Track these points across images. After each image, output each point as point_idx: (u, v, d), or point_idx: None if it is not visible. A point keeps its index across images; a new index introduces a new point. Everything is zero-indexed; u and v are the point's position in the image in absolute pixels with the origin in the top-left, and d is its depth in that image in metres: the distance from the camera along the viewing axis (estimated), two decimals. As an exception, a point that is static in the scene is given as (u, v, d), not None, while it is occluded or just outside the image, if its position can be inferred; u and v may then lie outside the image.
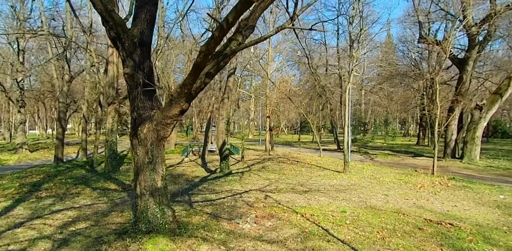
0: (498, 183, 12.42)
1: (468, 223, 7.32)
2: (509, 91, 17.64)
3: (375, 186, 11.51)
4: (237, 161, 18.63)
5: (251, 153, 24.01)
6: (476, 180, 12.70)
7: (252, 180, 12.46)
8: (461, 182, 12.13)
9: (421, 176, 13.64)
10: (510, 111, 49.87)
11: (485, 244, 6.08)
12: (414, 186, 11.53)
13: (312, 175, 14.03)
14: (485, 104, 17.94)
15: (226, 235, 6.26)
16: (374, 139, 44.11)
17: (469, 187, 11.25)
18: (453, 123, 19.26)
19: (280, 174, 14.07)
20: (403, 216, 7.79)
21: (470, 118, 18.49)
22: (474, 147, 18.07)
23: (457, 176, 14.00)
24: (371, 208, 8.53)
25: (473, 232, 6.72)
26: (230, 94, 13.45)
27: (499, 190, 10.81)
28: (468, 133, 18.31)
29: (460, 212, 8.29)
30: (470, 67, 18.36)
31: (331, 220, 7.37)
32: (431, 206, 8.94)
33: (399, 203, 9.11)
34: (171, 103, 5.81)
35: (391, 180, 12.55)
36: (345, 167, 14.54)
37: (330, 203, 8.98)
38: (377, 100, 51.66)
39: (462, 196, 10.13)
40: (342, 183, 12.08)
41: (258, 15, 6.44)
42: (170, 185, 11.46)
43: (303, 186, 11.35)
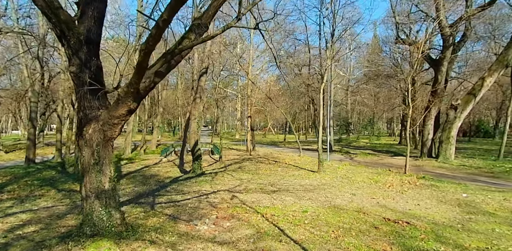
0: (466, 181, 12.62)
1: (425, 222, 7.38)
2: (482, 91, 17.98)
3: (345, 186, 11.56)
4: (215, 161, 18.50)
5: (232, 153, 23.92)
6: (445, 179, 12.89)
7: (224, 180, 12.37)
8: (430, 181, 12.29)
9: (394, 175, 13.78)
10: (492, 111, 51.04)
11: (436, 242, 6.13)
12: (383, 185, 11.62)
13: (286, 175, 14.02)
14: (459, 104, 18.25)
15: (178, 237, 6.16)
16: (359, 139, 44.53)
17: (436, 186, 11.40)
18: (430, 122, 19.54)
19: (254, 174, 14.02)
20: (363, 215, 7.82)
21: (445, 118, 18.78)
22: (449, 146, 18.36)
23: (429, 175, 14.19)
24: (334, 207, 8.54)
25: (427, 231, 6.78)
26: (202, 93, 13.32)
27: (464, 189, 10.98)
28: (444, 133, 18.59)
29: (421, 211, 8.37)
30: (445, 67, 18.65)
31: (290, 220, 7.35)
32: (395, 205, 9.00)
33: (364, 202, 9.16)
34: (118, 103, 5.68)
35: (363, 180, 12.63)
36: (319, 167, 14.58)
37: (295, 202, 8.96)
38: (363, 100, 52.20)
39: (427, 194, 10.24)
40: (313, 182, 12.10)
41: (211, 13, 6.35)
42: (138, 186, 11.29)
43: (273, 186, 11.32)
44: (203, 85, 13.37)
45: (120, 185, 11.60)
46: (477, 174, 14.57)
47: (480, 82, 17.95)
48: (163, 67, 5.92)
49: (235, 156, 21.47)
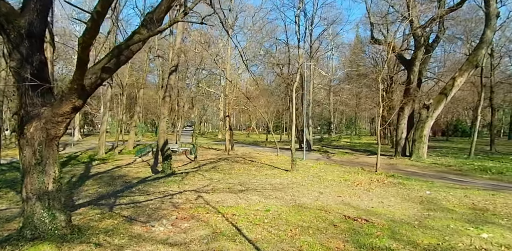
0: (434, 179, 12.89)
1: (384, 219, 7.43)
2: (453, 91, 18.44)
3: (314, 184, 11.58)
4: (190, 161, 18.25)
5: (210, 152, 23.69)
6: (414, 177, 13.11)
7: (194, 180, 12.18)
8: (398, 179, 12.46)
9: (364, 174, 13.93)
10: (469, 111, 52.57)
11: (389, 239, 6.16)
12: (352, 183, 11.70)
13: (259, 174, 13.94)
14: (432, 104, 18.65)
15: (128, 240, 5.95)
16: (341, 138, 45.04)
17: (404, 184, 11.56)
18: (403, 122, 19.89)
19: (226, 174, 13.87)
20: (325, 213, 7.80)
21: (418, 117, 19.16)
22: (422, 145, 18.74)
23: (399, 173, 14.43)
24: (298, 206, 8.50)
25: (384, 228, 6.81)
26: (171, 92, 13.07)
27: (430, 186, 11.18)
28: (416, 132, 18.96)
29: (383, 208, 8.43)
30: (417, 67, 19.03)
31: (250, 220, 7.25)
32: (359, 202, 9.05)
33: (329, 201, 9.16)
34: (61, 100, 5.44)
35: (333, 178, 12.69)
36: (292, 166, 14.57)
37: (260, 202, 8.88)
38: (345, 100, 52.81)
39: (393, 192, 10.36)
40: (283, 181, 12.06)
41: (164, 8, 6.19)
42: (103, 187, 10.96)
43: (242, 185, 11.20)
44: (172, 84, 13.11)
45: (84, 186, 11.23)
46: (446, 172, 14.91)
47: (451, 82, 18.41)
48: (111, 62, 5.72)
49: (212, 156, 21.25)
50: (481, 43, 17.78)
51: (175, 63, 12.72)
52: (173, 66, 12.73)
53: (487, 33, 17.51)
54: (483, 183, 12.15)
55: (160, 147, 13.29)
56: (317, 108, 45.91)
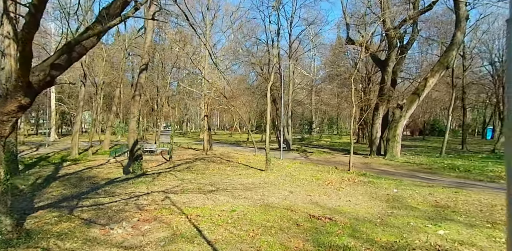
0: (404, 177, 13.15)
1: (348, 217, 7.49)
2: (426, 91, 18.93)
3: (286, 184, 11.59)
4: (164, 161, 17.93)
5: (188, 152, 23.40)
6: (385, 176, 13.35)
7: (165, 181, 11.95)
8: (369, 178, 12.65)
9: (337, 172, 14.07)
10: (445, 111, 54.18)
11: (349, 237, 6.20)
12: (323, 182, 11.79)
13: (233, 174, 13.85)
14: (405, 104, 19.07)
15: (81, 243, 5.74)
16: (322, 138, 45.54)
17: (373, 182, 11.74)
18: (378, 121, 20.25)
19: (200, 174, 13.70)
20: (291, 213, 7.80)
21: (392, 117, 19.55)
22: (395, 144, 19.14)
23: (372, 172, 14.66)
24: (266, 205, 8.46)
25: (346, 226, 6.86)
26: (141, 91, 12.78)
27: (398, 184, 11.40)
28: (390, 131, 19.35)
29: (349, 207, 8.51)
30: (390, 68, 19.42)
31: (214, 220, 7.15)
32: (327, 201, 9.11)
33: (298, 200, 9.17)
34: (6, 98, 5.17)
35: (305, 177, 12.75)
36: (267, 166, 14.56)
37: (228, 202, 8.79)
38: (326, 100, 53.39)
39: (362, 191, 10.49)
40: (256, 181, 12.02)
41: (120, 3, 5.99)
42: (68, 189, 10.58)
43: (213, 185, 11.08)
44: (142, 82, 12.81)
45: (49, 188, 10.81)
46: (417, 171, 15.26)
47: (424, 83, 18.88)
48: (61, 59, 5.49)
49: (189, 156, 20.99)
50: (452, 44, 18.31)
51: (145, 61, 12.41)
52: (143, 65, 12.41)
53: (457, 35, 18.05)
54: (449, 181, 12.50)
55: (130, 147, 12.97)
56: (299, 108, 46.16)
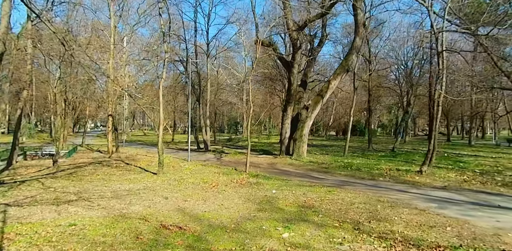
0: (297, 177, 13.33)
1: (203, 224, 7.00)
2: (329, 92, 19.78)
3: (168, 188, 10.83)
4: (49, 166, 15.79)
5: (91, 155, 21.24)
6: (278, 176, 13.39)
7: (22, 191, 10.24)
8: (259, 179, 12.51)
9: (233, 174, 13.74)
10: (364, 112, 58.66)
11: (185, 248, 5.70)
12: (209, 185, 11.29)
13: (118, 179, 12.61)
14: (310, 105, 19.68)
15: None
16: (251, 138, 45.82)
17: (260, 184, 11.59)
18: (287, 122, 20.61)
19: (77, 180, 12.17)
20: (142, 223, 7.02)
21: (299, 117, 20.03)
22: (302, 144, 19.65)
23: (271, 172, 14.70)
24: (119, 216, 7.55)
25: (192, 235, 6.35)
26: None
27: (282, 185, 11.39)
28: (297, 131, 19.81)
29: (216, 212, 8.06)
30: (296, 69, 19.93)
31: (32, 240, 6.02)
32: (198, 207, 8.57)
33: (165, 207, 8.45)
34: None
35: (195, 181, 12.14)
36: (159, 169, 13.61)
37: (75, 214, 7.67)
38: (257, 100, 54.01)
39: (242, 193, 10.20)
40: (136, 187, 11.00)
41: None
42: None
43: (78, 194, 9.77)
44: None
45: None
46: (314, 170, 15.71)
47: (327, 85, 19.71)
48: None
49: (89, 159, 18.95)
50: (352, 49, 19.41)
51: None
52: (-2, 54, 10.45)
53: (356, 40, 19.17)
54: (336, 179, 12.99)
55: None
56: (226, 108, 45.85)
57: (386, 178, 13.02)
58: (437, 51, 12.91)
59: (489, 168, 15.93)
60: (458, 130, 62.50)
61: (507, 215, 7.49)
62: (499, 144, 32.98)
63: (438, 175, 13.39)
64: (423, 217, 7.30)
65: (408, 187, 11.20)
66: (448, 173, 13.93)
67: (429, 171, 13.77)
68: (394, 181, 12.39)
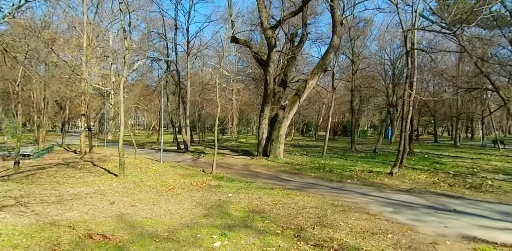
0: (265, 179, 12.87)
1: (134, 233, 6.56)
2: (306, 92, 19.37)
3: (120, 192, 10.38)
4: (9, 168, 15.21)
5: (62, 156, 20.63)
6: (242, 178, 12.93)
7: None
8: (222, 181, 12.06)
9: (199, 176, 13.25)
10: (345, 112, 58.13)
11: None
12: (165, 188, 10.83)
13: (75, 182, 12.10)
14: (287, 105, 19.26)
15: None
16: (239, 138, 45.32)
17: (220, 186, 11.13)
18: (264, 122, 20.16)
19: (28, 183, 11.64)
20: (67, 232, 6.56)
21: (276, 118, 19.60)
22: (278, 145, 19.22)
23: (241, 174, 14.25)
24: (48, 223, 7.09)
25: (115, 246, 5.93)
26: None
27: (243, 187, 10.93)
28: (274, 132, 19.38)
29: (156, 218, 7.62)
30: (272, 68, 19.48)
31: None
32: (140, 212, 8.10)
33: (103, 213, 7.98)
34: None
35: (154, 184, 11.68)
36: (120, 171, 13.10)
37: (1, 221, 7.16)
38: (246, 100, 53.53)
39: (196, 197, 9.74)
40: (87, 190, 10.51)
41: None
42: None
43: (18, 198, 9.27)
44: None
45: None
46: (285, 172, 15.24)
47: (304, 84, 19.31)
48: None
49: (57, 160, 18.40)
50: (330, 48, 19.03)
51: None
52: None
53: (334, 39, 18.78)
54: (303, 182, 12.57)
55: None
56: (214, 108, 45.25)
57: (354, 180, 12.61)
58: (406, 49, 12.54)
59: (464, 170, 15.64)
60: (449, 131, 62.43)
61: (458, 220, 7.10)
62: (485, 145, 32.82)
63: (408, 177, 13.03)
64: (370, 223, 6.89)
65: (373, 190, 10.80)
66: (419, 175, 13.59)
67: (400, 173, 13.41)
68: (361, 184, 11.99)
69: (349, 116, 57.16)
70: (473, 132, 54.31)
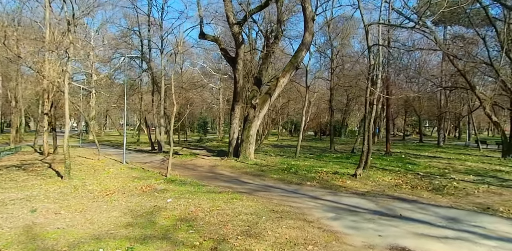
0: (223, 182, 12.20)
1: (29, 248, 5.78)
2: (277, 91, 18.72)
3: (52, 197, 9.54)
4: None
5: (26, 157, 19.68)
6: (198, 181, 12.22)
7: None
8: (172, 185, 11.29)
9: (151, 179, 12.48)
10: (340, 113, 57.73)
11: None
12: (104, 193, 10.02)
13: (13, 186, 11.16)
14: (258, 104, 18.58)
15: None
16: (223, 138, 44.56)
17: (165, 190, 10.36)
18: (235, 121, 19.48)
19: (-40, 188, 10.75)
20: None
21: (246, 117, 18.92)
22: (248, 145, 18.53)
23: (197, 176, 13.57)
24: None
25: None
26: None
27: (191, 191, 10.17)
28: (244, 132, 18.69)
29: (72, 228, 6.84)
30: (240, 66, 18.77)
31: None
32: (56, 222, 7.31)
33: (13, 223, 7.18)
34: None
35: (94, 188, 10.81)
36: (65, 174, 12.29)
37: None
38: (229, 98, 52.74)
39: (133, 203, 8.95)
40: (16, 196, 9.62)
41: None
42: None
43: None
44: None
45: None
46: (249, 173, 14.54)
47: (275, 82, 18.66)
48: None
49: (14, 162, 17.43)
50: (301, 45, 18.40)
51: None
52: None
53: (305, 36, 18.14)
54: (259, 184, 11.91)
55: None
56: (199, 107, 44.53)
57: (313, 182, 11.95)
58: (367, 45, 11.92)
59: (436, 171, 15.12)
60: (448, 131, 62.19)
61: (397, 227, 6.45)
62: (468, 145, 32.50)
63: (372, 179, 12.41)
64: (299, 232, 6.20)
65: (327, 193, 10.15)
66: (385, 176, 12.99)
67: (364, 174, 12.79)
68: (319, 186, 11.34)
69: (339, 116, 56.99)
70: (460, 132, 54.10)
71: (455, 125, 55.39)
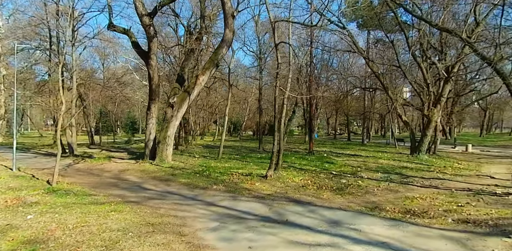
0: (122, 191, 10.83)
1: None
2: (196, 89, 17.69)
3: None
4: None
5: None
6: (89, 189, 10.71)
7: None
8: (50, 196, 9.62)
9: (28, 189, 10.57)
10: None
11: None
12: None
13: None
14: (176, 102, 17.37)
15: None
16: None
17: (37, 204, 8.63)
18: (151, 121, 17.87)
19: None
20: None
21: (164, 117, 17.62)
22: (165, 147, 17.23)
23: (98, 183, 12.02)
24: None
25: None
26: None
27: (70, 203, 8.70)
28: (161, 133, 17.36)
29: None
30: (154, 61, 17.43)
31: None
32: None
33: None
34: None
35: None
36: None
37: None
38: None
39: None
40: None
41: None
42: None
43: None
44: None
45: None
46: (156, 178, 13.33)
47: (194, 80, 17.62)
48: None
49: None
50: (222, 42, 17.61)
51: None
52: None
53: (226, 32, 17.37)
54: (161, 190, 10.85)
55: None
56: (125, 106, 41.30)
57: (220, 186, 11.24)
58: (274, 43, 11.62)
59: (349, 169, 15.52)
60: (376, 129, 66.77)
61: (275, 235, 5.99)
62: (389, 143, 35.02)
63: (282, 180, 12.14)
64: (162, 249, 5.36)
65: (227, 198, 9.50)
66: (296, 177, 12.83)
67: (275, 175, 12.50)
68: (224, 190, 10.67)
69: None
70: (385, 130, 58.73)
71: (381, 124, 59.94)
